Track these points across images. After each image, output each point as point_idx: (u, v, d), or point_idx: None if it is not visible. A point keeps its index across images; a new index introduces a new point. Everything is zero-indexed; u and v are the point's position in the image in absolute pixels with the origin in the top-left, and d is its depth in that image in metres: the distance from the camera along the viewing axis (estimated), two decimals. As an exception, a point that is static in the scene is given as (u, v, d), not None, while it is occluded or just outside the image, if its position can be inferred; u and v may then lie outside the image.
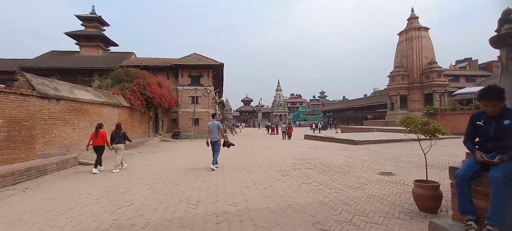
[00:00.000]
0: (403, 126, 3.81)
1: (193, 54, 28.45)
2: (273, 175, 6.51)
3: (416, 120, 3.63)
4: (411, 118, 3.69)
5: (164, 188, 5.47)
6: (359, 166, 7.35)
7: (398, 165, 7.39)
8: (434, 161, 8.03)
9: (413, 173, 6.31)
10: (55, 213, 4.11)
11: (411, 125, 3.64)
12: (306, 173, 6.62)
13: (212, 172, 7.10)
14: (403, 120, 3.78)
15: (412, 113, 4.14)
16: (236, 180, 6.06)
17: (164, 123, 24.95)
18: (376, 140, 14.87)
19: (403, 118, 3.80)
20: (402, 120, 3.80)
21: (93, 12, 30.77)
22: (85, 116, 10.94)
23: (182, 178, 6.43)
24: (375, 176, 6.04)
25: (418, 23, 27.74)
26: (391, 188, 4.93)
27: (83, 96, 10.88)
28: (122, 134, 8.14)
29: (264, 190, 5.06)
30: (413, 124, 3.60)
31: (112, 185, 5.91)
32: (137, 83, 16.48)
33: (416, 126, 3.56)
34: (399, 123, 3.87)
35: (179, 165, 8.59)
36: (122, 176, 7.07)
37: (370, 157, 9.20)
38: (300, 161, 8.57)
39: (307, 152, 11.12)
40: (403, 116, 3.89)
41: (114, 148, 7.97)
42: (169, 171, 7.42)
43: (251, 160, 9.08)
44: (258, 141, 20.29)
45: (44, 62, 27.33)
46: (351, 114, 59.12)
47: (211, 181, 5.98)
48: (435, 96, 26.21)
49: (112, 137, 8.09)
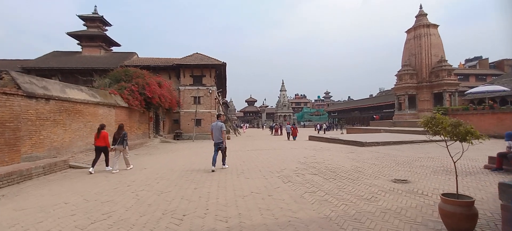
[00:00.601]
0: (427, 128, 3.14)
1: (195, 54, 27.97)
2: (274, 181, 5.89)
3: (444, 121, 2.96)
4: (437, 119, 3.03)
5: (150, 197, 4.90)
6: (368, 172, 6.67)
7: (412, 171, 6.69)
8: (450, 165, 7.29)
9: (430, 180, 5.61)
10: (18, 228, 3.56)
11: (438, 127, 2.97)
12: (310, 179, 5.98)
13: (207, 178, 6.51)
14: (427, 121, 3.12)
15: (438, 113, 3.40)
16: (231, 187, 5.45)
17: (166, 123, 24.50)
18: (385, 142, 14.11)
19: (426, 118, 3.14)
20: (426, 121, 3.13)
21: (95, 12, 30.57)
22: (78, 116, 10.47)
23: (173, 185, 5.85)
24: (388, 184, 5.36)
25: (426, 20, 26.80)
26: (408, 200, 4.26)
27: (76, 96, 10.40)
28: (123, 135, 8.06)
29: (262, 201, 4.44)
30: (441, 126, 2.94)
31: (95, 193, 5.36)
32: (136, 83, 16.01)
33: (444, 128, 2.90)
34: (422, 125, 3.20)
35: (174, 168, 8.02)
36: (110, 181, 6.52)
37: (379, 160, 8.51)
38: (303, 165, 7.92)
39: (312, 154, 10.46)
40: (426, 115, 3.22)
41: (115, 149, 7.95)
42: (161, 176, 6.85)
43: (251, 164, 8.46)
44: (261, 142, 19.66)
45: (46, 62, 27.18)
46: (357, 115, 58.02)
47: (204, 189, 5.39)
48: (445, 96, 25.24)
49: (114, 137, 8.06)
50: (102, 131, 7.95)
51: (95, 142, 7.96)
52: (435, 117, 3.05)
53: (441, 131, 2.98)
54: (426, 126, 3.11)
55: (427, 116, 3.18)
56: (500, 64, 44.10)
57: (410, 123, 25.39)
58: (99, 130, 7.96)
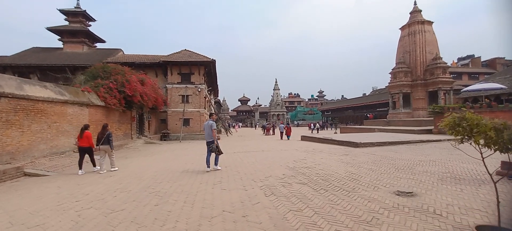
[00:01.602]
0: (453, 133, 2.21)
1: (183, 51, 26.76)
2: (254, 193, 4.91)
3: (481, 123, 2.03)
4: (469, 119, 2.09)
5: (93, 219, 3.85)
6: (366, 180, 5.75)
7: (415, 178, 5.80)
8: (458, 170, 6.45)
9: (440, 191, 4.70)
10: None
11: (472, 132, 2.03)
12: (298, 191, 5.01)
13: (176, 189, 5.49)
14: (454, 123, 2.18)
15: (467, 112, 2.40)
16: (200, 203, 4.45)
17: (152, 123, 23.27)
18: (380, 142, 13.29)
19: (452, 118, 2.20)
20: (452, 123, 2.19)
21: (78, 6, 29.03)
22: (40, 116, 9.29)
23: (131, 199, 4.81)
24: (390, 197, 4.44)
25: (421, 16, 26.16)
26: (420, 223, 3.33)
27: (37, 94, 9.22)
28: (107, 135, 7.97)
29: (232, 226, 3.45)
30: (478, 130, 2.00)
31: (30, 212, 4.28)
32: (114, 80, 14.80)
33: (486, 133, 1.97)
34: (445, 128, 2.26)
35: (143, 176, 6.96)
36: (60, 194, 5.44)
37: (377, 164, 7.62)
38: (292, 171, 6.96)
39: (303, 157, 9.52)
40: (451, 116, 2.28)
41: (100, 149, 7.89)
42: (123, 187, 5.79)
43: (233, 170, 7.47)
44: (251, 142, 18.67)
45: (24, 59, 25.62)
46: (351, 114, 57.57)
47: (165, 206, 4.36)
48: (440, 94, 24.65)
49: (98, 138, 8.01)
50: (86, 131, 7.87)
51: (78, 142, 7.91)
52: (465, 116, 2.12)
53: (477, 138, 2.04)
54: (452, 129, 2.18)
55: (454, 115, 2.24)
56: (492, 63, 44.14)
57: (404, 122, 24.78)
58: (82, 130, 7.90)
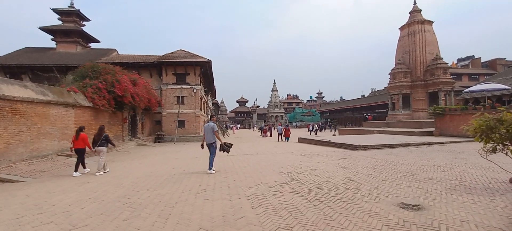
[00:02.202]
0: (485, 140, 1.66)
1: (178, 51, 26.24)
2: (240, 205, 4.35)
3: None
4: (507, 121, 1.55)
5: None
6: (366, 188, 5.20)
7: (421, 186, 5.24)
8: (466, 177, 5.89)
9: (450, 203, 4.13)
10: None
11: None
12: (289, 202, 4.45)
13: (153, 200, 4.92)
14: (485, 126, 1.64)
15: (505, 113, 1.88)
16: (176, 217, 3.89)
17: (146, 125, 22.71)
18: (380, 145, 12.78)
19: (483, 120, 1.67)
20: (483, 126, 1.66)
21: (72, 6, 28.54)
22: (19, 117, 8.72)
23: (100, 212, 4.24)
24: (394, 210, 3.89)
25: (421, 16, 25.74)
26: (430, 245, 2.78)
27: (15, 93, 8.65)
28: (105, 137, 8.08)
29: (207, 248, 2.89)
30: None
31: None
32: (104, 80, 14.24)
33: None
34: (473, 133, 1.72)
35: (124, 183, 6.39)
36: (24, 204, 4.87)
37: (377, 170, 7.07)
38: (285, 177, 6.41)
39: (298, 161, 8.97)
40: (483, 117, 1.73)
41: (96, 151, 7.94)
42: (97, 196, 5.22)
43: (223, 175, 6.91)
44: (246, 145, 18.10)
45: (16, 59, 25.05)
46: (349, 115, 57.06)
47: (136, 220, 3.80)
48: (440, 95, 24.17)
49: (94, 139, 8.03)
50: (81, 133, 7.94)
51: (73, 144, 7.95)
52: (502, 118, 1.58)
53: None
54: (484, 135, 1.64)
55: (487, 116, 1.69)
56: (493, 64, 43.78)
57: (404, 123, 24.27)
58: (78, 132, 7.96)
